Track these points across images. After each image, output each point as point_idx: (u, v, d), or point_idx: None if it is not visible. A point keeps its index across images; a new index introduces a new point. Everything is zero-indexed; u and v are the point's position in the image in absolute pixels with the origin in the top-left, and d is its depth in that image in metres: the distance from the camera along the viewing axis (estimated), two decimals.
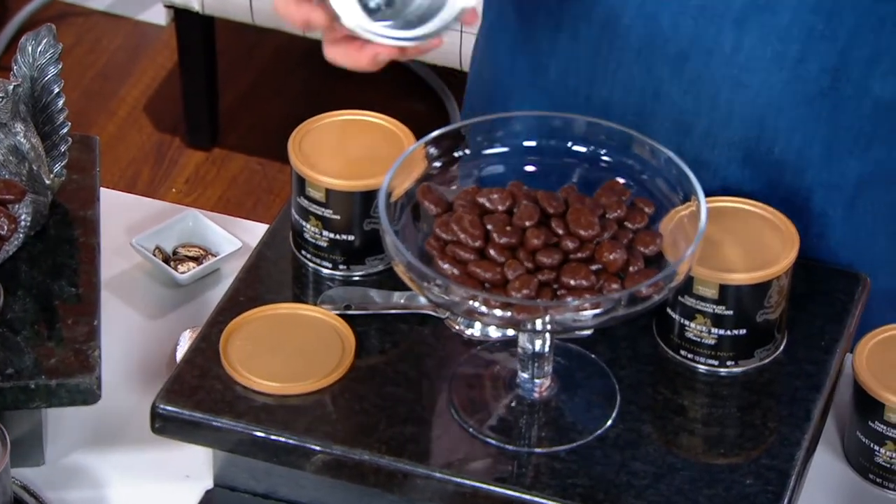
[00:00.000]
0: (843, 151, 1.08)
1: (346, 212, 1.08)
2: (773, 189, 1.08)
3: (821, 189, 1.09)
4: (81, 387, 1.01)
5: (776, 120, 1.06)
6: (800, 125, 1.07)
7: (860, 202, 1.10)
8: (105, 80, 2.22)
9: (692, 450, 0.99)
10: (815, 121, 1.06)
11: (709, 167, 1.09)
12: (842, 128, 1.07)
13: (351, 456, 0.98)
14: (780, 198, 1.08)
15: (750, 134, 1.07)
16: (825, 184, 1.09)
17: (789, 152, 1.07)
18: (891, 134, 1.08)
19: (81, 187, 1.13)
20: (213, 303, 1.11)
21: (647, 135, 1.00)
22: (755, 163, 1.08)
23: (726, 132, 1.08)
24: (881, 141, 1.08)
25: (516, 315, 0.94)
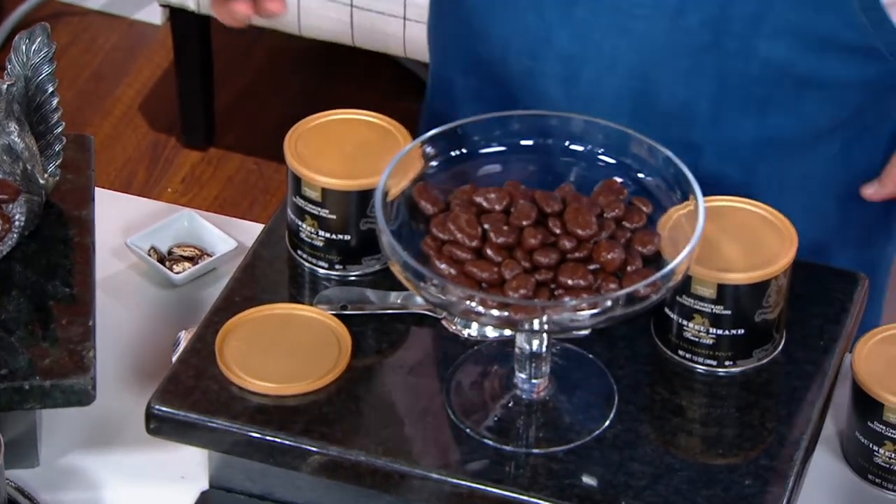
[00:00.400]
0: (734, 111, 1.07)
1: (343, 211, 1.07)
2: (663, 143, 1.08)
3: (711, 147, 1.09)
4: (76, 387, 1.01)
5: (659, 71, 1.06)
6: (683, 78, 1.07)
7: (762, 169, 1.09)
8: (100, 80, 2.22)
9: (690, 450, 0.99)
10: (700, 75, 1.06)
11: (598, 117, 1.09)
12: (730, 86, 1.06)
13: (347, 457, 0.98)
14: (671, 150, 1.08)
15: (635, 84, 1.08)
16: (716, 142, 1.09)
17: (674, 105, 1.08)
18: (788, 101, 1.07)
19: (76, 187, 1.12)
20: (208, 303, 1.11)
21: (540, 81, 0.98)
22: (643, 116, 1.08)
23: (613, 80, 1.08)
24: (778, 107, 1.07)
25: (513, 315, 0.93)
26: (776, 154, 1.10)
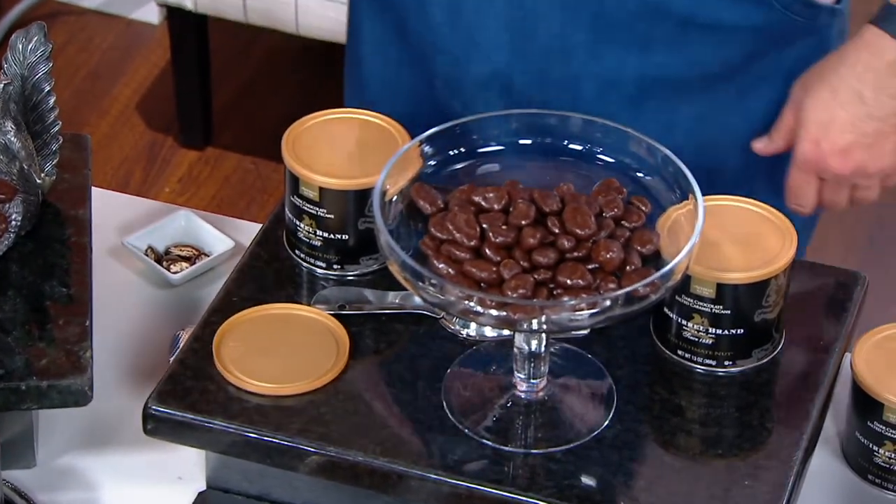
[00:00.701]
0: (614, 45, 1.07)
1: (341, 211, 1.07)
2: (544, 79, 1.08)
3: (591, 83, 1.09)
4: (73, 388, 1.00)
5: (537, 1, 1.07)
6: (559, 8, 1.07)
7: (650, 106, 1.09)
8: (97, 80, 2.22)
9: (690, 450, 0.99)
10: (576, 7, 1.07)
11: (479, 49, 1.09)
12: (607, 19, 1.07)
13: (345, 457, 0.97)
14: (552, 87, 1.08)
15: (514, 14, 1.08)
16: (596, 77, 1.09)
17: (553, 38, 1.08)
18: (671, 40, 1.07)
19: (73, 186, 1.12)
20: (205, 303, 1.10)
21: (429, 7, 1.00)
22: (522, 49, 1.09)
23: (492, 8, 1.08)
24: (661, 45, 1.07)
25: (512, 315, 0.93)
26: (663, 93, 1.09)
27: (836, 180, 1.06)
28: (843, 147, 1.03)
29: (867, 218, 2.05)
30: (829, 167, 1.04)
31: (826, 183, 1.07)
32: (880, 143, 1.03)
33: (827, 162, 1.04)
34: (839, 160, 1.03)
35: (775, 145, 1.08)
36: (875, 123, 1.02)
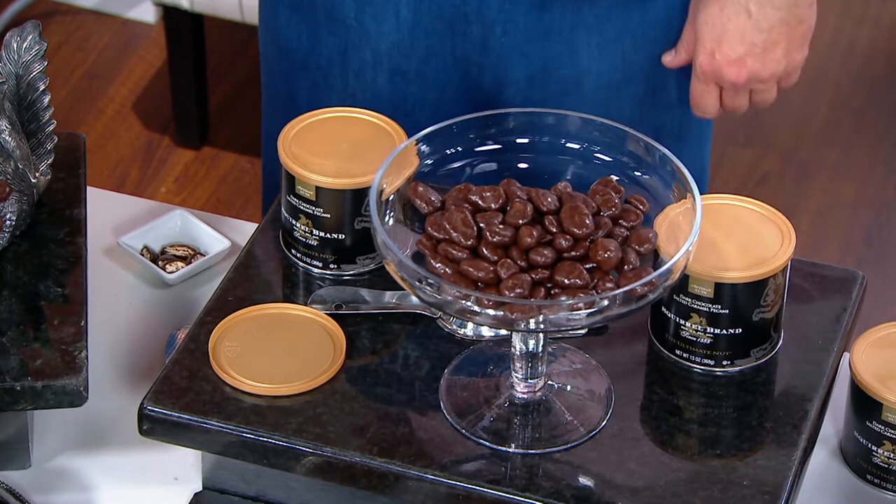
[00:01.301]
0: None
1: (337, 210, 1.06)
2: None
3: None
4: (68, 388, 1.00)
5: None
6: None
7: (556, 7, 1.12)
8: (93, 79, 2.21)
9: (688, 450, 0.98)
10: None
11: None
12: None
13: (342, 458, 0.97)
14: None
15: None
16: None
17: None
18: None
19: (68, 186, 1.11)
20: (201, 303, 1.10)
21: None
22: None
23: None
24: None
25: (509, 314, 0.93)
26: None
27: (734, 88, 1.11)
28: (736, 58, 1.09)
29: (864, 218, 2.05)
30: (725, 76, 1.10)
31: (725, 90, 1.12)
32: (770, 51, 1.09)
33: (723, 72, 1.10)
34: (734, 70, 1.09)
35: (680, 58, 1.13)
36: (763, 35, 1.08)
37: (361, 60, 1.16)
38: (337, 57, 1.17)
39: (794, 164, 2.12)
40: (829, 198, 2.07)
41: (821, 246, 2.00)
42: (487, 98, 1.16)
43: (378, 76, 1.16)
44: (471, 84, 1.16)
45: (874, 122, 2.17)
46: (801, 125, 2.17)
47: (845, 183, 2.09)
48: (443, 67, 1.15)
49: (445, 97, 1.16)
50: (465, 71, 1.15)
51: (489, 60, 1.14)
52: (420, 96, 1.15)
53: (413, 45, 1.14)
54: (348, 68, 1.17)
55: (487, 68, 1.14)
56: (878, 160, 2.13)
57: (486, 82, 1.15)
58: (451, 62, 1.14)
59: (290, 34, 1.19)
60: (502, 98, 1.16)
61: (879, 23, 2.30)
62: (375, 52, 1.15)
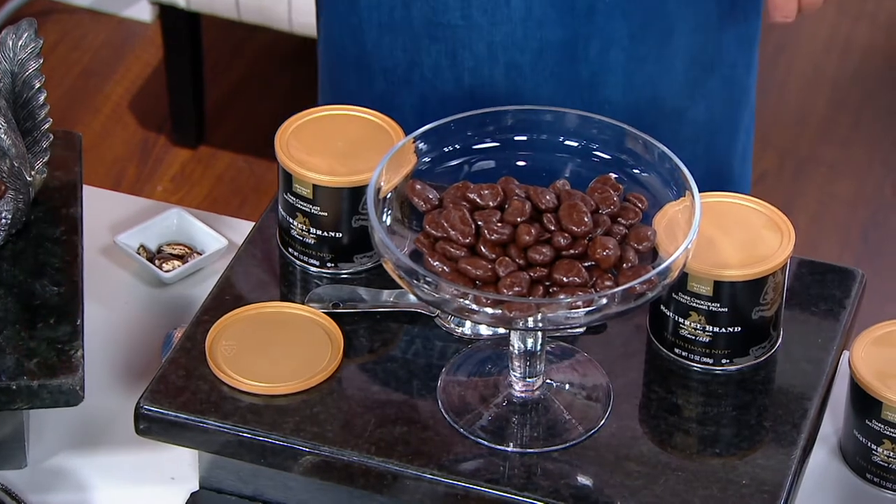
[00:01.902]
0: None
1: (334, 208, 1.06)
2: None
3: None
4: (64, 388, 0.99)
5: None
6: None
7: None
8: (89, 78, 2.21)
9: (687, 449, 0.98)
10: None
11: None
12: None
13: (339, 457, 0.97)
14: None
15: None
16: None
17: None
18: None
19: (64, 184, 1.11)
20: (198, 302, 1.10)
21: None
22: None
23: None
24: None
25: (507, 313, 0.92)
26: None
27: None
28: None
29: (862, 215, 2.05)
30: None
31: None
32: None
33: None
34: None
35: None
36: None
37: (476, 57, 1.16)
38: (445, 61, 1.16)
39: (792, 162, 2.12)
40: (827, 196, 2.07)
41: (818, 244, 2.00)
42: (592, 71, 1.15)
43: (495, 71, 1.16)
44: (577, 61, 1.15)
45: (872, 120, 2.17)
46: (798, 123, 2.17)
47: (843, 181, 2.09)
48: (556, 59, 1.15)
49: (560, 87, 1.16)
50: (572, 51, 1.15)
51: (594, 28, 1.14)
52: (535, 90, 1.15)
53: (526, 37, 1.14)
54: (462, 68, 1.16)
55: (593, 37, 1.14)
56: (875, 158, 2.12)
57: (592, 52, 1.15)
58: (562, 49, 1.15)
59: (382, 56, 1.18)
60: (607, 63, 1.15)
61: (876, 20, 2.30)
62: (491, 45, 1.15)
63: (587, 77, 1.16)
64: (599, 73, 1.16)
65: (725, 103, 1.21)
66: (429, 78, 1.18)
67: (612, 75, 1.16)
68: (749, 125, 1.27)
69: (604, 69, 1.16)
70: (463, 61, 1.16)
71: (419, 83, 1.18)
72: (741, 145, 1.26)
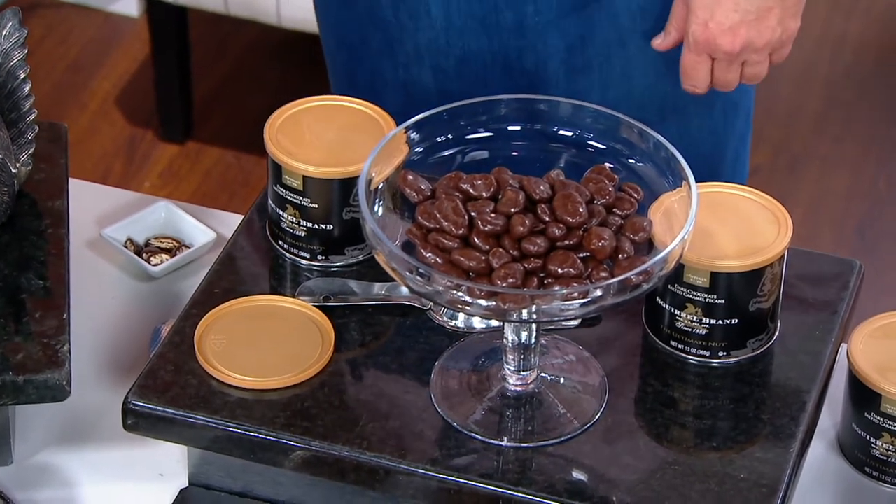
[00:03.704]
0: None
1: (325, 200, 1.05)
2: None
3: None
4: (50, 383, 0.98)
5: None
6: None
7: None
8: (76, 73, 2.19)
9: (683, 443, 0.97)
10: None
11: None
12: None
13: (331, 452, 0.95)
14: None
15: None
16: None
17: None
18: None
19: (49, 177, 1.10)
20: (187, 296, 1.08)
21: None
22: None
23: None
24: None
25: (501, 304, 0.91)
26: None
27: (727, 59, 1.11)
28: (731, 26, 1.09)
29: (857, 208, 2.05)
30: (719, 46, 1.10)
31: (717, 62, 1.12)
32: (765, 18, 1.09)
33: (717, 41, 1.10)
34: (728, 39, 1.09)
35: (671, 38, 1.13)
36: (757, 2, 1.08)
37: (406, 55, 1.16)
38: (385, 49, 1.17)
39: (786, 157, 2.11)
40: (821, 190, 2.06)
41: (813, 238, 1.99)
42: (531, 81, 1.15)
43: (423, 71, 1.16)
44: (512, 71, 1.15)
45: (865, 114, 2.16)
46: (791, 118, 2.16)
47: (837, 175, 2.08)
48: (482, 65, 1.15)
49: (490, 91, 1.15)
50: (504, 60, 1.15)
51: (527, 42, 1.13)
52: (465, 92, 1.15)
53: (449, 45, 1.14)
54: (397, 62, 1.17)
55: (527, 51, 1.14)
56: (870, 152, 2.12)
57: (528, 64, 1.15)
58: (490, 58, 1.14)
59: (343, 28, 1.20)
60: (548, 72, 1.14)
61: (869, 15, 2.29)
62: (417, 47, 1.15)
63: (525, 87, 1.15)
64: (538, 84, 1.15)
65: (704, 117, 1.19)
66: (375, 59, 1.18)
67: (553, 87, 1.15)
68: (746, 132, 1.24)
69: (544, 81, 1.15)
70: (397, 55, 1.16)
71: (368, 61, 1.19)
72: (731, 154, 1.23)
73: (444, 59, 1.15)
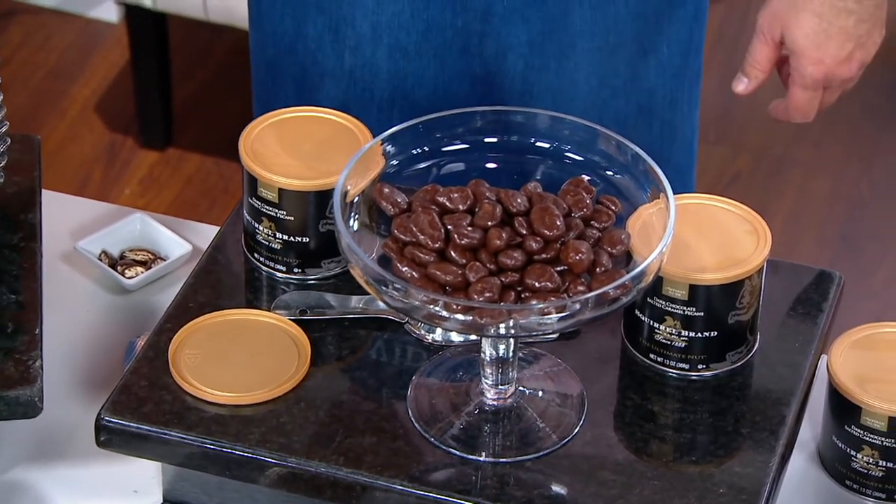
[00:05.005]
0: None
1: (300, 213, 1.04)
2: None
3: None
4: (22, 399, 0.97)
5: None
6: None
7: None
8: (55, 80, 2.18)
9: (662, 457, 0.96)
10: None
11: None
12: None
13: (307, 468, 0.95)
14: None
15: None
16: None
17: None
18: None
19: (22, 189, 1.09)
20: (162, 309, 1.07)
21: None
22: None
23: None
24: None
25: (478, 319, 0.90)
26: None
27: (843, 84, 1.14)
28: (847, 55, 1.11)
29: (838, 213, 2.04)
30: (837, 76, 1.12)
31: (828, 90, 1.14)
32: (868, 36, 1.11)
33: (835, 73, 1.12)
34: (845, 67, 1.11)
35: (758, 80, 1.15)
36: (865, 24, 1.11)
37: (358, 36, 1.14)
38: (328, 35, 1.14)
39: (767, 162, 2.11)
40: (803, 195, 2.06)
41: (795, 243, 1.99)
42: (488, 70, 1.15)
43: (377, 52, 1.14)
44: (471, 56, 1.14)
45: (846, 118, 2.16)
46: (772, 123, 2.15)
47: (818, 180, 2.08)
48: (442, 42, 1.14)
49: (445, 73, 1.14)
50: (464, 43, 1.14)
51: (491, 28, 1.13)
52: (419, 74, 1.13)
53: (413, 18, 1.12)
54: (344, 45, 1.15)
55: (489, 37, 1.13)
56: (851, 156, 2.11)
57: (488, 51, 1.14)
58: (452, 34, 1.13)
59: (274, 18, 1.17)
60: (504, 66, 1.14)
61: None
62: (375, 25, 1.13)
63: (481, 74, 1.14)
64: (495, 74, 1.15)
65: (642, 133, 1.19)
66: (311, 49, 1.16)
67: (509, 80, 1.15)
68: (686, 166, 1.24)
69: (500, 71, 1.15)
70: (345, 38, 1.14)
71: (302, 54, 1.17)
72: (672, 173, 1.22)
73: (405, 36, 1.13)
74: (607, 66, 1.15)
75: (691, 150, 1.24)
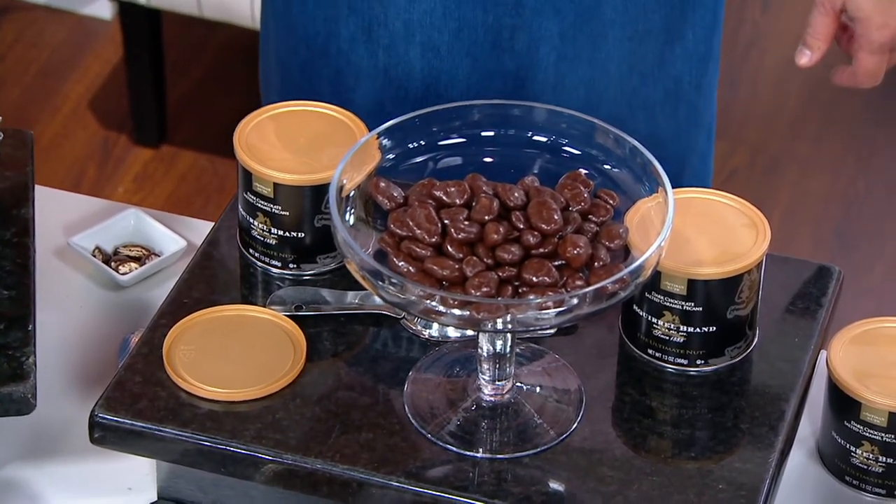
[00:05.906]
0: None
1: (296, 208, 1.03)
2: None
3: None
4: (15, 396, 0.96)
5: None
6: None
7: None
8: (48, 77, 2.17)
9: (661, 453, 0.95)
10: None
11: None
12: None
13: (303, 465, 0.94)
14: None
15: None
16: None
17: None
18: None
19: (14, 185, 1.08)
20: (156, 305, 1.07)
21: None
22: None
23: None
24: None
25: (475, 314, 0.90)
26: None
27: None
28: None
29: (835, 211, 2.04)
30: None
31: (893, 51, 1.14)
32: None
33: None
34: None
35: (820, 52, 1.14)
36: None
37: (391, 34, 1.14)
38: (361, 35, 1.14)
39: (764, 159, 2.10)
40: (800, 192, 2.06)
41: (791, 240, 1.99)
42: (520, 64, 1.14)
43: (410, 50, 1.14)
44: (502, 51, 1.14)
45: (844, 115, 2.15)
46: (770, 119, 2.16)
47: (815, 177, 2.08)
48: (474, 40, 1.13)
49: (477, 71, 1.14)
50: (496, 38, 1.14)
51: (523, 21, 1.13)
52: (452, 73, 1.14)
53: (445, 17, 1.12)
54: (377, 44, 1.15)
55: (521, 30, 1.13)
56: (848, 153, 2.11)
57: (520, 45, 1.14)
58: (483, 32, 1.13)
59: (306, 22, 1.17)
60: (537, 59, 1.14)
61: None
62: (407, 23, 1.13)
63: (513, 69, 1.14)
64: (527, 67, 1.15)
65: (669, 118, 1.19)
66: (345, 50, 1.16)
67: (542, 72, 1.15)
68: (707, 152, 1.24)
69: (532, 64, 1.15)
70: (378, 38, 1.14)
71: (335, 55, 1.17)
72: (692, 168, 1.23)
73: (437, 35, 1.13)
74: (637, 54, 1.15)
75: (711, 135, 1.25)
